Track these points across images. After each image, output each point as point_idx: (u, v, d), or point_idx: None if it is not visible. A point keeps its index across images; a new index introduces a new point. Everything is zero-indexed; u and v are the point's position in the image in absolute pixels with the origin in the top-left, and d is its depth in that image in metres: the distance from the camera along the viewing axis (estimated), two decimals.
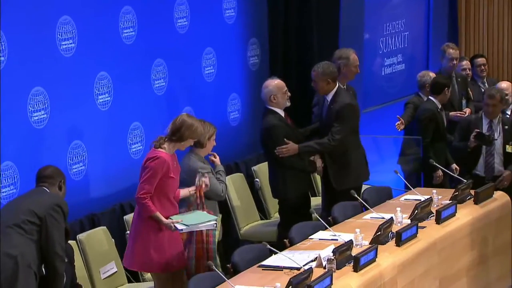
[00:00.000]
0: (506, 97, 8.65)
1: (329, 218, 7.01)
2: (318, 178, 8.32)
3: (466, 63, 9.80)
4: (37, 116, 6.69)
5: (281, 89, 7.47)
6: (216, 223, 6.30)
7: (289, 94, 7.54)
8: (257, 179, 8.38)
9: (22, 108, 6.59)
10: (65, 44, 7.00)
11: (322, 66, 7.58)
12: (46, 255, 5.58)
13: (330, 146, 7.40)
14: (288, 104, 7.53)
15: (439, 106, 8.55)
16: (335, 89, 7.56)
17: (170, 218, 6.26)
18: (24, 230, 5.54)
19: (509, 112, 8.36)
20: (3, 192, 6.37)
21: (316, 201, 8.19)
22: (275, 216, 8.22)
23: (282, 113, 7.50)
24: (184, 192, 6.51)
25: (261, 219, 8.35)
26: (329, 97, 7.58)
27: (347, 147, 7.49)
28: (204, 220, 6.28)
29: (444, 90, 8.57)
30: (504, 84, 8.98)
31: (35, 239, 5.56)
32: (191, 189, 6.51)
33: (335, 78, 7.55)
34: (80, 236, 6.71)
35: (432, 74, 8.96)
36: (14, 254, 5.50)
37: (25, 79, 6.60)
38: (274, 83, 7.47)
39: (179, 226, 6.21)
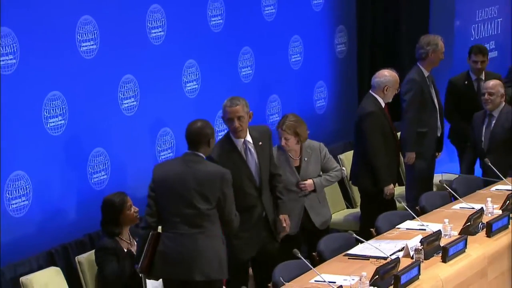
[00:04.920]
0: None
1: (417, 207, 6.91)
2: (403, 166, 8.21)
3: None
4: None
5: (396, 84, 7.44)
6: None
7: (397, 91, 7.49)
8: (343, 168, 8.31)
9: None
10: (155, 33, 7.04)
11: None
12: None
13: None
14: (390, 100, 7.47)
15: None
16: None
17: None
18: None
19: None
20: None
21: (398, 191, 8.07)
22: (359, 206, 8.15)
23: (383, 104, 7.44)
24: None
25: (347, 207, 8.29)
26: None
27: None
28: None
29: None
30: None
31: None
32: None
33: None
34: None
35: None
36: None
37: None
38: (394, 75, 7.43)
39: None
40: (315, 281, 5.38)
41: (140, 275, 5.81)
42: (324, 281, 5.26)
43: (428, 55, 7.80)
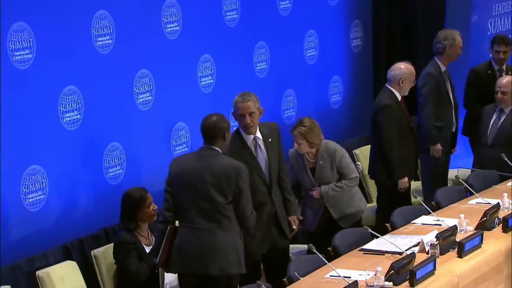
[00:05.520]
0: None
1: (432, 203, 6.89)
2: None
3: None
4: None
5: (412, 77, 7.42)
6: None
7: (413, 84, 7.46)
8: (358, 163, 8.30)
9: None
10: (170, 27, 7.05)
11: None
12: None
13: None
14: (406, 93, 7.44)
15: None
16: None
17: None
18: None
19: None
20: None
21: (414, 185, 8.05)
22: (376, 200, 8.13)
23: (399, 97, 7.42)
24: None
25: None
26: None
27: None
28: None
29: None
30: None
31: None
32: None
33: None
34: None
35: None
36: None
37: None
38: (410, 68, 7.41)
39: None
40: (330, 276, 5.38)
41: (158, 269, 5.83)
42: (339, 276, 5.26)
43: (446, 50, 7.79)
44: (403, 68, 7.40)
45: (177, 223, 5.73)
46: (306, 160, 6.76)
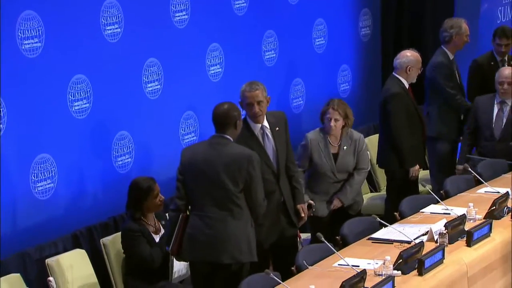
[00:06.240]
0: None
1: (441, 191, 6.88)
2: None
3: None
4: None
5: (419, 64, 7.41)
6: None
7: (420, 71, 7.45)
8: (367, 151, 8.29)
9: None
10: (179, 16, 7.04)
11: None
12: None
13: None
14: (414, 81, 7.43)
15: None
16: None
17: None
18: None
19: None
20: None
21: (422, 174, 8.03)
22: (385, 189, 8.12)
23: (406, 85, 7.41)
24: None
25: (371, 191, 8.28)
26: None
27: None
28: None
29: None
30: None
31: None
32: None
33: None
34: None
35: None
36: None
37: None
38: (416, 55, 7.40)
39: None
40: (338, 264, 5.38)
41: (171, 257, 5.84)
42: (348, 265, 5.26)
43: (452, 38, 7.78)
44: (409, 55, 7.39)
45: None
46: (330, 144, 6.77)
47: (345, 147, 6.78)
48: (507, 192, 6.42)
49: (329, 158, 6.74)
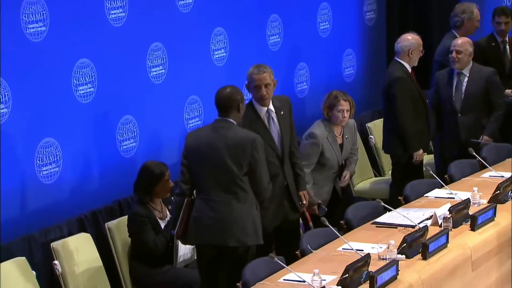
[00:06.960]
0: None
1: (445, 176, 6.88)
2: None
3: None
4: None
5: (420, 46, 7.39)
6: None
7: (422, 53, 7.43)
8: (371, 136, 8.30)
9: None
10: (183, 0, 7.03)
11: None
12: None
13: None
14: (416, 64, 7.42)
15: None
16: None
17: None
18: None
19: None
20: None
21: (427, 159, 8.03)
22: (389, 174, 8.13)
23: (409, 69, 7.40)
24: None
25: (375, 176, 8.28)
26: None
27: None
28: None
29: None
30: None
31: None
32: None
33: None
34: None
35: None
36: None
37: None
38: (417, 38, 7.38)
39: None
40: (342, 249, 5.39)
41: (173, 243, 5.86)
42: (352, 249, 5.27)
43: (464, 23, 7.76)
44: (410, 38, 7.36)
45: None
46: (336, 137, 6.78)
47: (347, 136, 6.81)
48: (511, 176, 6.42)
49: (337, 150, 6.76)
